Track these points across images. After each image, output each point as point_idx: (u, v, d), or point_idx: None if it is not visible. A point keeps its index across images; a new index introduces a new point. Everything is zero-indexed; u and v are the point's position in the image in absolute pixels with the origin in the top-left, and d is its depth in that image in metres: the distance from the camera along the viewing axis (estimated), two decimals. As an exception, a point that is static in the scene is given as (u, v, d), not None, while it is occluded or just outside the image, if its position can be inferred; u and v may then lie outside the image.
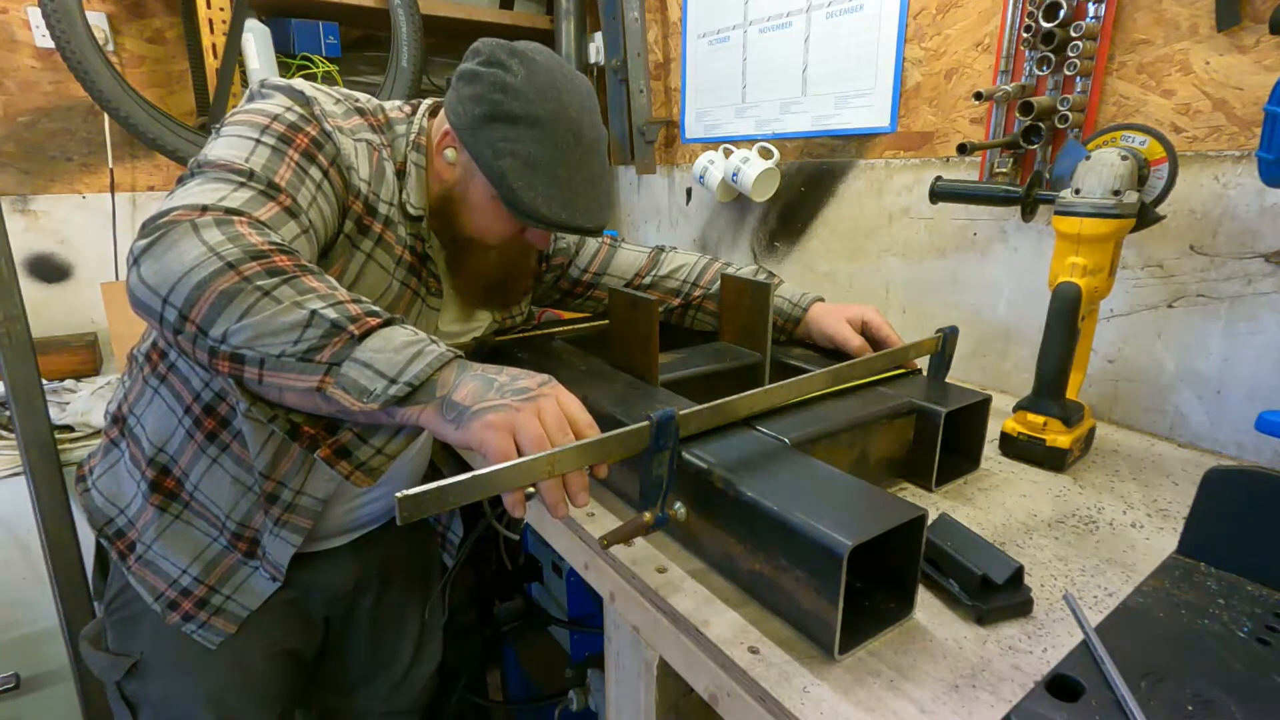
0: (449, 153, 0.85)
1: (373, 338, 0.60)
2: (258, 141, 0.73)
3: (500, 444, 0.56)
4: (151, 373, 0.88)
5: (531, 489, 0.57)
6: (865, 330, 1.03)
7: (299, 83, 0.81)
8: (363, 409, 0.58)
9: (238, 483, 0.87)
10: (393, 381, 0.58)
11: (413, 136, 0.87)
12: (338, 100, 0.83)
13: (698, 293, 1.14)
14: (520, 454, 0.56)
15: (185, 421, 0.86)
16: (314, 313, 0.59)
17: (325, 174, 0.76)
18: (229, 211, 0.64)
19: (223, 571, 0.90)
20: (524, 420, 0.57)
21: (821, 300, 1.09)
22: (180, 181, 0.71)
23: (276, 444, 0.84)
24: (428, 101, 0.92)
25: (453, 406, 0.59)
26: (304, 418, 0.66)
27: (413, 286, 0.88)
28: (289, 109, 0.77)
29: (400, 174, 0.85)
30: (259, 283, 0.59)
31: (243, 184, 0.69)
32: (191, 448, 0.86)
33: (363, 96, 0.87)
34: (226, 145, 0.73)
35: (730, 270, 1.12)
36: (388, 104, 0.90)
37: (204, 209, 0.63)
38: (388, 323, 0.62)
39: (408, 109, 0.90)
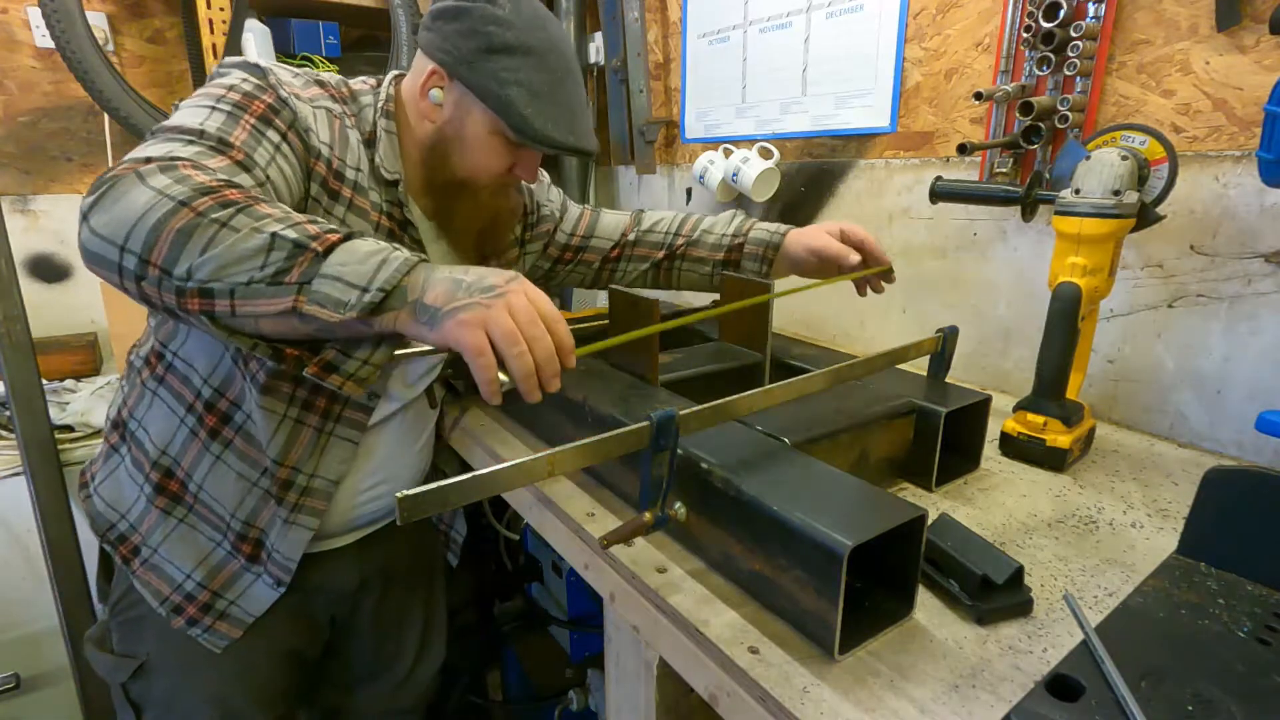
0: (435, 93, 0.85)
1: (337, 252, 0.60)
2: (213, 109, 0.74)
3: (474, 340, 0.58)
4: (150, 375, 0.88)
5: (506, 379, 0.60)
6: (845, 239, 1.02)
7: (255, 57, 0.82)
8: (341, 320, 0.59)
9: (242, 479, 0.87)
10: (365, 290, 0.59)
11: (381, 104, 0.88)
12: (296, 74, 0.84)
13: (680, 241, 1.14)
14: (494, 348, 0.59)
15: (188, 420, 0.86)
16: (275, 235, 0.59)
17: (284, 136, 0.77)
18: (173, 159, 0.64)
19: (225, 579, 0.90)
20: (495, 316, 0.59)
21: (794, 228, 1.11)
22: None
23: (288, 430, 0.85)
24: (393, 72, 0.93)
25: (425, 309, 0.60)
26: (285, 342, 0.66)
27: None
28: (245, 79, 0.78)
29: (370, 142, 0.86)
30: (214, 215, 0.59)
31: (191, 141, 0.69)
32: (195, 447, 0.86)
33: (326, 74, 0.88)
34: (181, 115, 0.74)
35: (705, 223, 1.14)
36: (352, 80, 0.91)
37: (148, 160, 0.64)
38: (348, 236, 0.62)
39: (372, 81, 0.91)
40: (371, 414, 0.92)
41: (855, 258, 0.99)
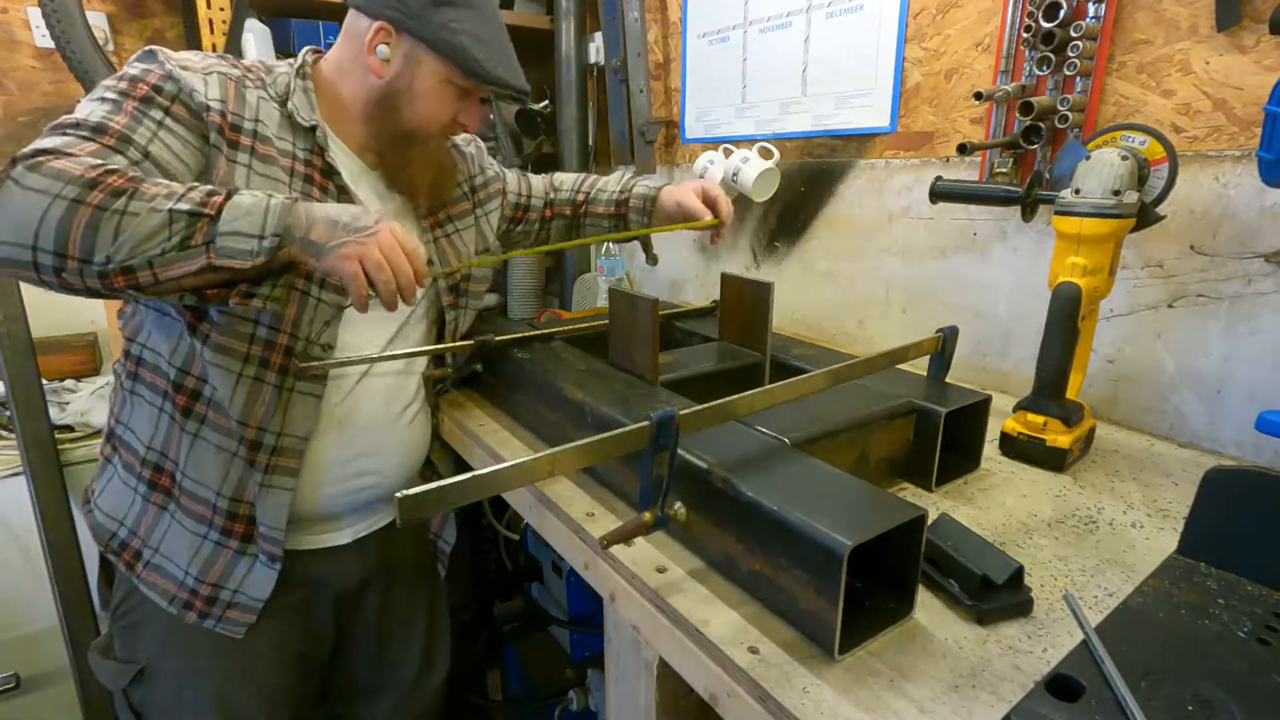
0: (382, 48, 0.90)
1: (226, 210, 0.70)
2: (101, 99, 0.79)
3: (351, 269, 0.72)
4: (128, 376, 0.91)
5: (374, 295, 0.75)
6: (704, 197, 1.14)
7: (255, 57, 0.85)
8: (253, 265, 0.70)
9: (222, 451, 0.88)
10: (262, 238, 0.70)
11: (296, 67, 0.94)
12: (200, 55, 0.88)
13: (580, 198, 1.28)
14: (368, 278, 0.73)
15: (166, 407, 0.88)
16: (171, 210, 0.68)
17: (167, 111, 0.82)
18: (38, 152, 0.69)
19: (220, 570, 0.90)
20: (367, 252, 0.73)
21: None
22: None
23: (247, 389, 0.86)
24: (308, 47, 0.98)
25: (312, 245, 0.73)
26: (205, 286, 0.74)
27: (315, 198, 0.91)
28: (136, 65, 0.83)
29: (284, 102, 0.92)
30: (113, 206, 0.67)
31: (65, 132, 0.74)
32: (175, 432, 0.88)
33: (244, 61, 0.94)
34: (76, 111, 0.78)
35: (601, 183, 1.27)
36: (270, 61, 0.96)
37: (14, 161, 0.68)
38: (229, 195, 0.71)
39: (291, 60, 0.97)
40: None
41: (708, 215, 1.13)
